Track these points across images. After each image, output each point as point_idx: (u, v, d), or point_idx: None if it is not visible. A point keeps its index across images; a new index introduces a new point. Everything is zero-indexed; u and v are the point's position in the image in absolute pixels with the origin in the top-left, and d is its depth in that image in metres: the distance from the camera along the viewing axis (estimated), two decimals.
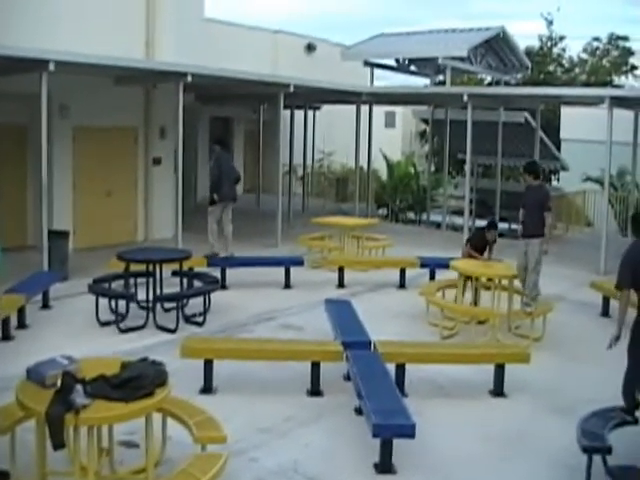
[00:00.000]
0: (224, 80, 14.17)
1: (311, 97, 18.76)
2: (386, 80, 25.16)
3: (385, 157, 20.66)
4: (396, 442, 5.46)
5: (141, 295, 9.16)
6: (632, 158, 15.59)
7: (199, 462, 4.68)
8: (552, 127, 21.70)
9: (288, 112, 19.23)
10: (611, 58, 28.96)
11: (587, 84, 26.10)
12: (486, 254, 10.01)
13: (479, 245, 10.02)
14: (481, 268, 9.57)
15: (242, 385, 7.09)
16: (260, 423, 6.24)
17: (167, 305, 9.27)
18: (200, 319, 9.09)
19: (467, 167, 15.55)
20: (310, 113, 20.93)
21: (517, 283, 9.28)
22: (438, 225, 19.03)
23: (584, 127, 19.27)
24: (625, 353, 5.85)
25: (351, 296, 10.16)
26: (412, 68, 21.30)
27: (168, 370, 5.00)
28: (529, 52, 24.96)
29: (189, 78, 12.27)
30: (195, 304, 9.25)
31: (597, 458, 5.14)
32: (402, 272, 11.58)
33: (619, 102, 13.45)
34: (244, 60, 18.39)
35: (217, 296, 9.59)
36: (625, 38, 28.84)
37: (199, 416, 5.18)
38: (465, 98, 14.54)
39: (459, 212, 17.43)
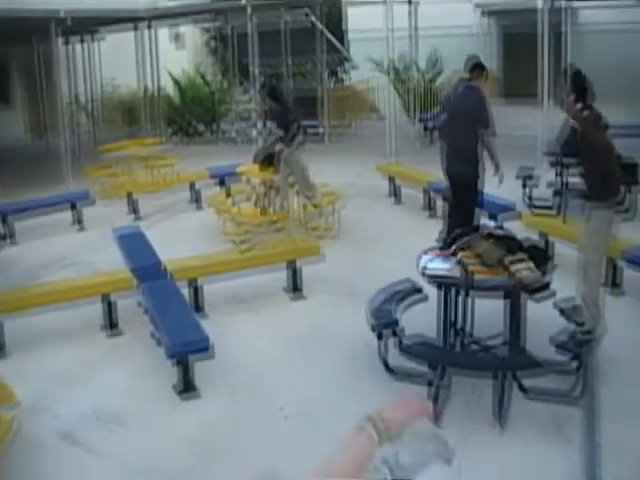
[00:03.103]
0: None
1: (90, 25, 17.52)
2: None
3: (170, 74, 19.82)
4: (202, 363, 5.35)
5: None
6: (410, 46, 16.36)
7: None
8: (335, 23, 21.70)
9: (75, 45, 18.14)
10: None
11: None
12: None
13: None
14: (262, 171, 9.43)
15: (35, 339, 6.42)
16: (57, 375, 5.83)
17: None
18: None
19: (252, 71, 15.26)
20: (97, 44, 19.71)
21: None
22: (230, 136, 18.68)
23: (372, 23, 19.48)
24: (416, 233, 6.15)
25: (145, 222, 9.79)
26: None
27: None
28: None
29: None
30: None
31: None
32: (192, 187, 11.33)
33: None
34: None
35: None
36: None
37: None
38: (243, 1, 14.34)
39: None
